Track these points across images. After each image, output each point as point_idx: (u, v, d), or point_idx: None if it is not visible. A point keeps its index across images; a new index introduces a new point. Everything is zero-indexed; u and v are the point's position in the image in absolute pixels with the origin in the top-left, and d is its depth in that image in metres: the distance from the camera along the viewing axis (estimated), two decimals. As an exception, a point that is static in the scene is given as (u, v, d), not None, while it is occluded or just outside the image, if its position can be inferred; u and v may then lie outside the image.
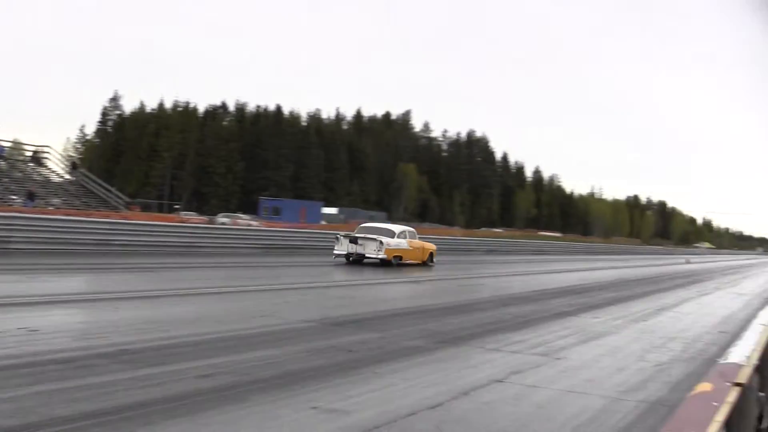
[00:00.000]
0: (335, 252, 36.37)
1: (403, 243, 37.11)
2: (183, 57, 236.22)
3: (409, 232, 39.26)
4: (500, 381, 10.63)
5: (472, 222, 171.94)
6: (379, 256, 34.99)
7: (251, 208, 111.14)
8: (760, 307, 12.76)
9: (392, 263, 35.42)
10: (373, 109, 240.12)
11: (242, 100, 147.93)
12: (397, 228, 39.10)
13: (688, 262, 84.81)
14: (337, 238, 36.80)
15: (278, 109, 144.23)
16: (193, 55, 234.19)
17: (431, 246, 40.86)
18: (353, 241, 35.77)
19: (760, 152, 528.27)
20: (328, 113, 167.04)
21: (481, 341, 14.10)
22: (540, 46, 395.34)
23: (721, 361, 4.67)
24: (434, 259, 40.34)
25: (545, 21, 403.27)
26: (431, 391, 9.60)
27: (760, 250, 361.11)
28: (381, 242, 35.20)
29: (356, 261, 35.79)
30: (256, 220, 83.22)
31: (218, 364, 10.16)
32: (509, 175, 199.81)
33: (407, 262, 37.02)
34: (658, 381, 11.70)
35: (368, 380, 10.01)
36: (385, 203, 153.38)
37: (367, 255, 35.32)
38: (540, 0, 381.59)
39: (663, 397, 10.44)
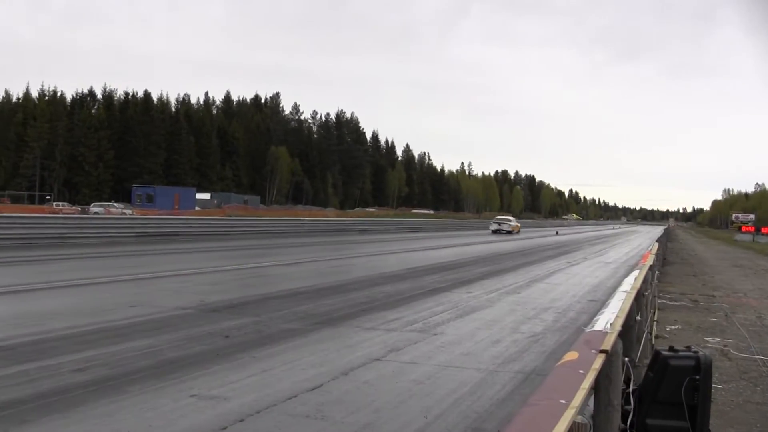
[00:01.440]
0: (491, 228, 79.10)
1: (514, 224, 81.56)
2: (46, 45, 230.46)
3: (516, 219, 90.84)
4: (378, 359, 10.73)
5: (346, 202, 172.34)
6: (509, 230, 77.54)
7: (124, 197, 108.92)
8: (625, 275, 13.13)
9: (512, 233, 76.58)
10: (242, 92, 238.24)
11: (110, 86, 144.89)
12: (512, 217, 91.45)
13: (557, 234, 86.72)
14: (491, 223, 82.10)
15: (146, 95, 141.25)
16: (56, 43, 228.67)
17: (519, 225, 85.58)
18: (498, 224, 79.87)
19: (619, 126, 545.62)
20: (197, 98, 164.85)
21: (357, 321, 14.21)
22: (403, 25, 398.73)
23: (587, 329, 4.82)
24: (520, 231, 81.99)
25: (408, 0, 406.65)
26: (310, 373, 9.64)
27: (624, 219, 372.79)
28: (510, 224, 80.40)
29: (498, 232, 76.59)
30: (130, 209, 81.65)
31: (94, 357, 9.99)
32: (380, 155, 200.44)
33: (516, 233, 78.45)
34: (533, 351, 12.00)
35: (247, 365, 9.98)
36: (258, 187, 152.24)
37: (504, 230, 77.44)
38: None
39: (538, 366, 10.71)
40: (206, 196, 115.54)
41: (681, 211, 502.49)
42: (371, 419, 7.81)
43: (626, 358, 4.92)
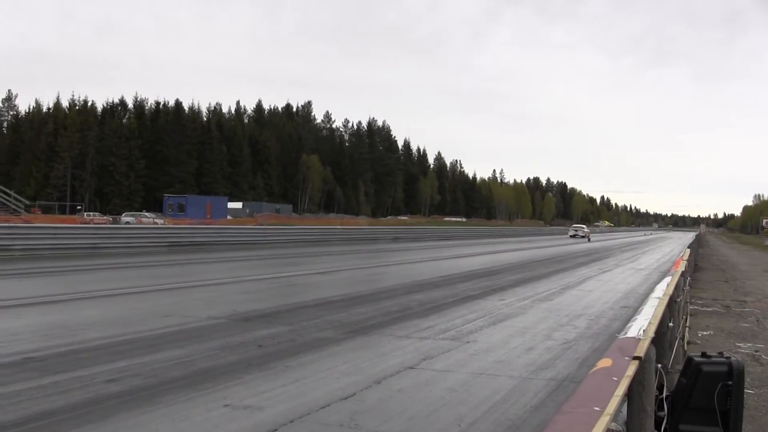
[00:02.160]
0: (569, 234, 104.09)
1: (587, 230, 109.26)
2: (77, 55, 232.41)
3: (587, 227, 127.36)
4: (412, 368, 10.75)
5: (378, 210, 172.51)
6: (583, 235, 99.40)
7: (156, 206, 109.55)
8: (658, 281, 13.10)
9: (584, 237, 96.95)
10: (274, 101, 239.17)
11: (141, 96, 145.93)
12: (584, 225, 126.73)
13: (589, 241, 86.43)
14: (570, 229, 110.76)
15: (178, 104, 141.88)
16: (87, 53, 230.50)
17: (589, 230, 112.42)
18: (575, 230, 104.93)
19: (649, 133, 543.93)
20: (228, 107, 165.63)
21: (390, 329, 14.23)
22: (434, 33, 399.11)
23: (621, 336, 4.83)
24: (590, 237, 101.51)
25: (437, 7, 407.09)
26: (344, 382, 9.67)
27: (655, 225, 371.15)
28: (584, 230, 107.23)
29: (575, 236, 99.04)
30: (161, 218, 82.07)
31: (126, 367, 10.05)
32: (412, 163, 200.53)
33: (589, 237, 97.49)
34: (566, 358, 11.98)
35: (280, 374, 10.03)
36: (290, 195, 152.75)
37: (580, 235, 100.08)
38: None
39: (572, 373, 10.69)
40: (238, 205, 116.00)
41: (712, 217, 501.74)
42: (405, 428, 7.83)
43: (659, 365, 4.93)
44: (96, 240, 37.90)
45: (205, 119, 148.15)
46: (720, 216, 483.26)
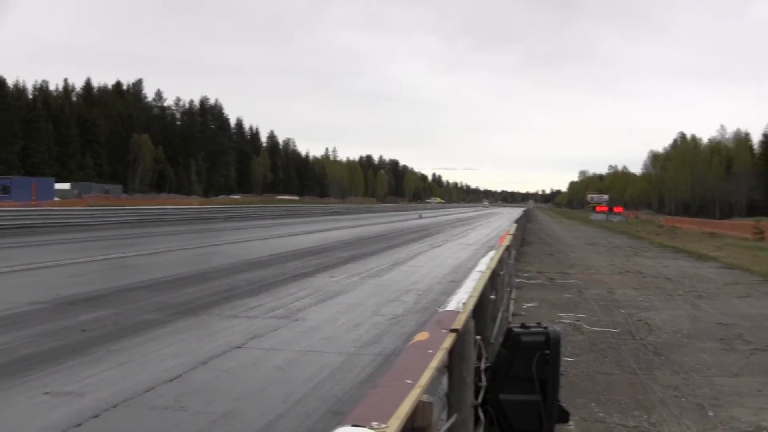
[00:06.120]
0: (482, 205, 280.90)
1: (487, 203, 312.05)
2: None
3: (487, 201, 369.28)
4: (239, 347, 10.67)
5: (210, 190, 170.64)
6: (486, 207, 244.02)
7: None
8: (483, 256, 13.40)
9: (486, 209, 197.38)
10: (104, 78, 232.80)
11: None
12: (486, 201, 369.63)
13: (420, 218, 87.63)
14: (481, 203, 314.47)
15: (1, 81, 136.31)
16: None
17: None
18: (484, 206, 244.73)
19: (481, 112, 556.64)
20: (56, 85, 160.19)
21: (218, 309, 14.10)
22: (271, 12, 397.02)
23: (440, 309, 4.86)
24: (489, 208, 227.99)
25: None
26: (170, 364, 9.51)
27: (486, 202, 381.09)
28: (486, 203, 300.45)
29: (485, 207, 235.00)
30: (-16, 200, 79.02)
31: (-60, 357, 9.64)
32: (245, 141, 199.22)
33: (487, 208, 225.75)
34: (393, 333, 12.11)
35: (103, 359, 9.77)
36: (120, 175, 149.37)
37: (486, 206, 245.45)
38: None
39: (398, 348, 10.77)
40: (66, 186, 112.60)
41: (540, 192, 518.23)
42: (231, 408, 7.76)
43: (479, 337, 4.99)
44: None
45: (30, 97, 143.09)
46: (548, 192, 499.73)
